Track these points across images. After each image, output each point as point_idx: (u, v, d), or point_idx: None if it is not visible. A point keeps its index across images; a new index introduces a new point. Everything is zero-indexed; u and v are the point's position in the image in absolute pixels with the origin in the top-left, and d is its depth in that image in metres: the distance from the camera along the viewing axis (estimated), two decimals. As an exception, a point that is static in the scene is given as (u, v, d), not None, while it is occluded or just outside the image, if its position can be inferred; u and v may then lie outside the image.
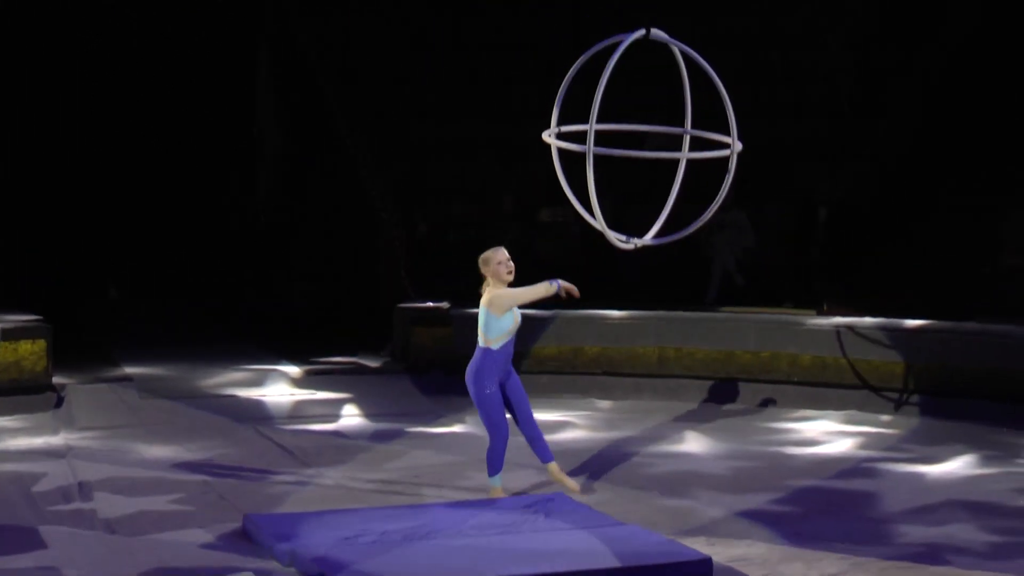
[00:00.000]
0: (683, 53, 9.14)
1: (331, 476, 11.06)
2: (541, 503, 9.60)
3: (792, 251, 17.36)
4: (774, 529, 9.34)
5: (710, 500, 10.24)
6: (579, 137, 9.11)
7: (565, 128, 9.33)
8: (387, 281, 16.54)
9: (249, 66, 21.59)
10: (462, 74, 18.88)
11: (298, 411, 13.86)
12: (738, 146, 9.16)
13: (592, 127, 8.65)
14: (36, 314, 14.42)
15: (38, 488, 10.59)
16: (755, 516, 9.71)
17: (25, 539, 9.12)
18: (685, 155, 9.30)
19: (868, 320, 14.28)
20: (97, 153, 22.12)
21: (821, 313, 14.77)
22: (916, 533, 9.26)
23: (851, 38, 19.11)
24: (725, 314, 15.33)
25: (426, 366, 15.15)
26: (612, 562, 8.20)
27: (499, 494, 10.09)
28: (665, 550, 8.48)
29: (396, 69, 19.09)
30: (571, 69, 8.99)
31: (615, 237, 9.10)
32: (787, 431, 13.06)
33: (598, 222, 8.92)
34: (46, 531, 9.31)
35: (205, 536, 9.19)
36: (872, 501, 10.25)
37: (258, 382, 14.90)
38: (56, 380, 14.19)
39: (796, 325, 14.64)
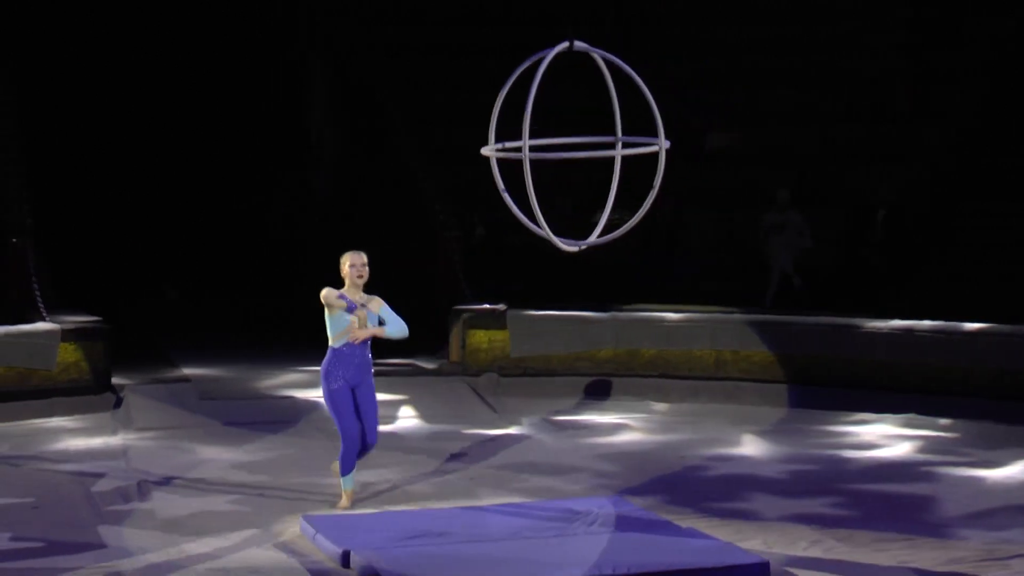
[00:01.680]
0: (606, 61, 9.20)
1: (388, 477, 11.08)
2: (598, 506, 9.57)
3: (849, 254, 17.25)
4: (831, 533, 9.27)
5: (767, 503, 10.19)
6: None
7: (509, 144, 9.34)
8: (443, 283, 16.56)
9: (306, 70, 21.67)
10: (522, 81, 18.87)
11: (355, 413, 13.88)
12: (666, 144, 9.20)
13: (526, 140, 8.71)
14: (95, 315, 14.54)
15: (97, 488, 10.68)
16: (813, 520, 9.65)
17: (84, 538, 9.20)
18: (619, 152, 9.35)
19: (926, 323, 14.16)
20: (155, 155, 22.28)
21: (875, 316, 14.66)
22: (975, 537, 9.18)
23: (904, 40, 19.00)
24: (782, 316, 15.24)
25: (482, 367, 15.15)
26: (669, 565, 8.17)
27: (347, 496, 10.01)
28: (722, 553, 8.45)
29: (452, 73, 19.12)
30: (504, 86, 9.06)
31: (560, 242, 9.12)
32: (845, 434, 12.97)
33: (543, 229, 8.94)
34: (105, 530, 9.39)
35: (262, 537, 9.23)
36: (931, 505, 10.16)
37: (315, 383, 14.85)
38: (115, 381, 14.30)
39: (854, 328, 14.54)
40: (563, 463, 11.65)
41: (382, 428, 13.10)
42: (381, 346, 16.35)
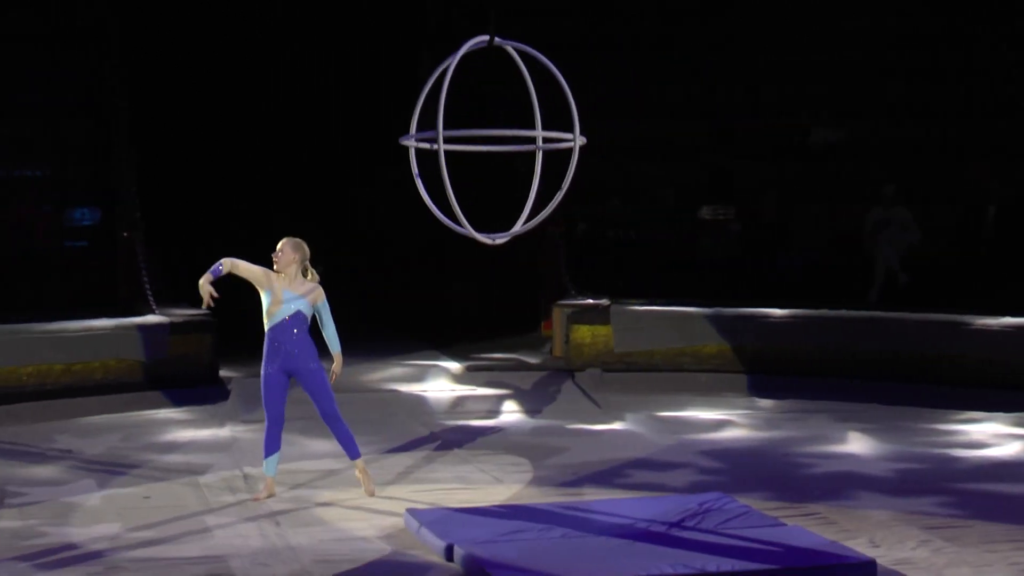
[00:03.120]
0: (524, 54, 9.10)
1: (491, 472, 11.11)
2: (703, 502, 9.53)
3: (959, 250, 17.01)
4: (939, 532, 9.15)
5: (873, 502, 10.07)
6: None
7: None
8: (546, 278, 16.56)
9: (414, 65, 21.76)
10: (621, 73, 18.83)
11: (458, 407, 13.95)
12: (581, 140, 9.11)
13: (440, 131, 8.66)
14: (199, 308, 14.69)
15: (205, 479, 10.82)
16: (919, 519, 9.53)
17: (192, 529, 9.32)
18: (540, 146, 9.25)
19: (1037, 320, 13.93)
20: (262, 150, 22.48)
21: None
22: (1089, 540, 9.01)
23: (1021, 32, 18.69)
24: (889, 313, 15.07)
25: (585, 362, 15.14)
26: (775, 562, 8.12)
27: (269, 485, 10.08)
28: (828, 551, 8.37)
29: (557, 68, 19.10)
30: (429, 79, 9.01)
31: (482, 237, 9.06)
32: (953, 433, 12.78)
33: (464, 226, 8.86)
34: (212, 522, 9.51)
35: (367, 530, 9.29)
36: (1042, 506, 10.00)
37: (419, 377, 15.02)
38: (222, 373, 14.47)
39: (963, 325, 14.34)
40: (667, 459, 11.61)
41: (484, 423, 13.22)
42: (485, 343, 16.52)
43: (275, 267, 10.09)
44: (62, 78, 17.51)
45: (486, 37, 8.95)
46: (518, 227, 9.17)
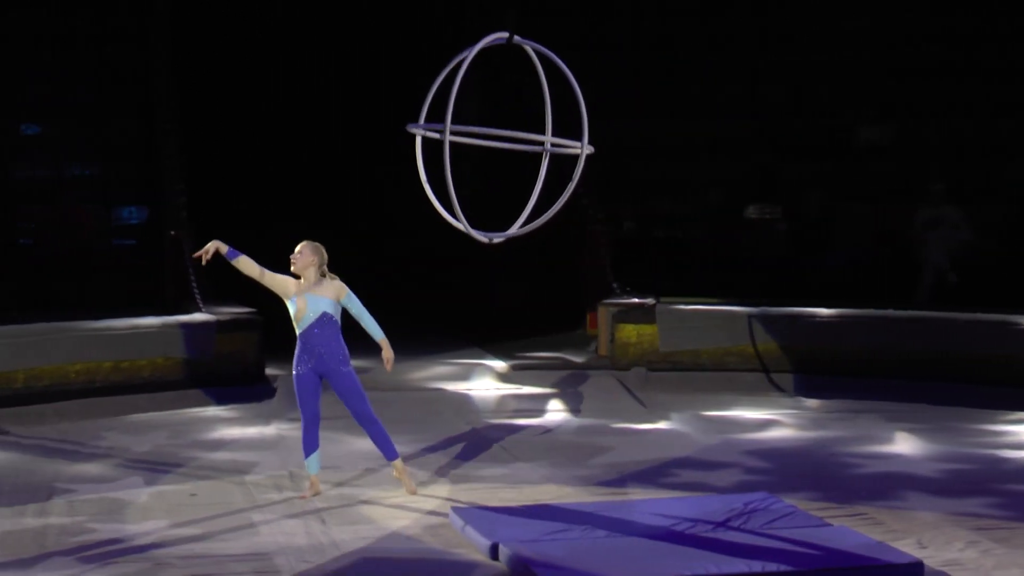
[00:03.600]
0: (542, 55, 9.00)
1: (536, 471, 11.10)
2: (749, 502, 9.49)
3: (1007, 249, 16.88)
4: (988, 534, 9.08)
5: (921, 502, 10.01)
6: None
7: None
8: (592, 277, 16.54)
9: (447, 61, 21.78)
10: (666, 72, 18.78)
11: (503, 405, 13.96)
12: (588, 149, 9.00)
13: (448, 122, 8.59)
14: (250, 307, 14.78)
15: (251, 477, 10.86)
16: (968, 520, 9.45)
17: (238, 527, 9.36)
18: (547, 148, 9.15)
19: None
20: (307, 151, 22.56)
21: None
22: None
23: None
24: (937, 313, 14.96)
25: (631, 361, 15.11)
26: (821, 562, 8.08)
27: (314, 483, 10.11)
28: (875, 552, 8.33)
29: (602, 66, 19.09)
30: (443, 70, 8.94)
31: (477, 235, 8.99)
32: (1002, 434, 12.68)
33: (460, 221, 8.80)
34: (258, 519, 9.54)
35: (412, 528, 9.31)
36: (1093, 507, 9.90)
37: (464, 376, 15.03)
38: (268, 371, 14.52)
39: (1012, 324, 14.23)
40: (712, 458, 11.58)
41: (529, 422, 13.21)
42: (530, 342, 16.52)
43: (292, 268, 10.14)
44: (110, 78, 17.63)
45: (505, 34, 8.92)
46: (515, 229, 9.14)
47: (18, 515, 9.64)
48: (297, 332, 10.10)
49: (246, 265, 10.15)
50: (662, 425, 13.16)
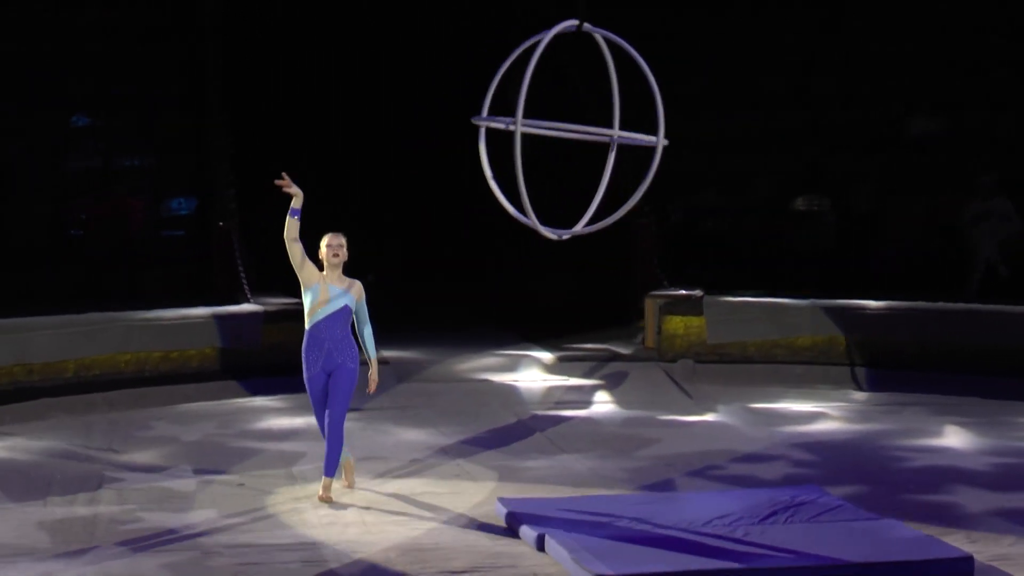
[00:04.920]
0: (614, 45, 8.87)
1: (583, 462, 11.10)
2: (796, 495, 9.45)
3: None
4: (1040, 528, 9.02)
5: (970, 496, 9.94)
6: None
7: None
8: (639, 269, 16.51)
9: (503, 53, 21.76)
10: (714, 64, 18.72)
11: (550, 397, 13.95)
12: (664, 142, 8.85)
13: (520, 114, 8.45)
14: (297, 298, 14.80)
15: (298, 467, 10.90)
16: (1018, 515, 9.38)
17: (285, 517, 9.39)
18: (615, 139, 9.02)
19: None
20: (356, 140, 22.60)
21: None
22: None
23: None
24: (988, 306, 14.85)
25: (678, 353, 15.07)
26: (870, 556, 8.03)
27: (327, 486, 9.69)
28: (924, 546, 8.27)
29: (645, 58, 19.04)
30: (507, 59, 8.82)
31: (547, 231, 8.86)
32: (1054, 428, 12.59)
33: (530, 217, 8.67)
34: (305, 509, 9.57)
35: (458, 519, 9.32)
36: None
37: (511, 367, 15.04)
38: (316, 363, 14.54)
39: (1063, 318, 14.12)
40: (760, 451, 11.54)
41: (576, 413, 13.20)
42: (578, 334, 16.50)
43: (332, 259, 9.84)
44: (160, 70, 17.73)
45: (575, 21, 8.84)
46: (580, 227, 9.05)
47: (69, 504, 9.72)
48: (309, 324, 9.73)
49: (294, 229, 9.99)
50: (709, 417, 13.13)
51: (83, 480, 10.42)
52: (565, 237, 9.11)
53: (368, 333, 9.93)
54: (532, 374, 14.81)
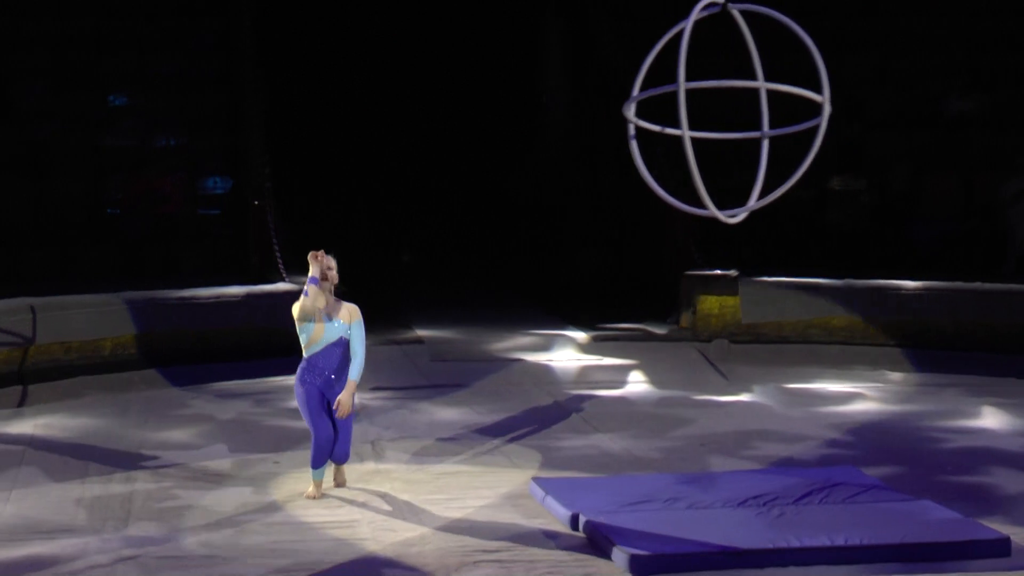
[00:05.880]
0: (769, 18, 8.74)
1: (617, 442, 11.09)
2: (832, 475, 9.42)
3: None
4: (1077, 510, 8.96)
5: (1008, 477, 9.89)
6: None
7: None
8: (673, 248, 16.46)
9: (540, 34, 21.73)
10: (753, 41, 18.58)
11: (585, 376, 13.95)
12: (828, 109, 8.73)
13: (684, 120, 8.30)
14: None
15: (334, 445, 10.91)
16: (1056, 496, 9.35)
17: (324, 494, 9.41)
18: (766, 133, 8.90)
19: None
20: (391, 119, 22.62)
21: None
22: None
23: None
24: (1024, 286, 14.76)
25: (713, 333, 15.03)
26: (906, 537, 8.00)
27: (315, 488, 9.36)
28: (961, 527, 8.24)
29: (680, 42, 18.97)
30: (653, 47, 8.69)
31: (722, 215, 8.75)
32: (1092, 409, 12.51)
33: (709, 207, 8.56)
34: (340, 488, 9.59)
35: (492, 498, 9.33)
36: None
37: (545, 347, 15.04)
38: (351, 341, 14.57)
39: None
40: (795, 432, 11.51)
41: (610, 393, 13.19)
42: (612, 313, 16.48)
43: (325, 282, 9.48)
44: (196, 50, 17.77)
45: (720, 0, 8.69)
46: (752, 203, 8.95)
47: (106, 481, 9.78)
48: (306, 353, 9.43)
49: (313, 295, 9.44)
50: (744, 397, 13.10)
51: (120, 458, 10.49)
52: (739, 218, 9.00)
53: (358, 354, 9.43)
54: (566, 354, 14.81)
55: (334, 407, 9.34)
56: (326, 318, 9.42)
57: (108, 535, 8.47)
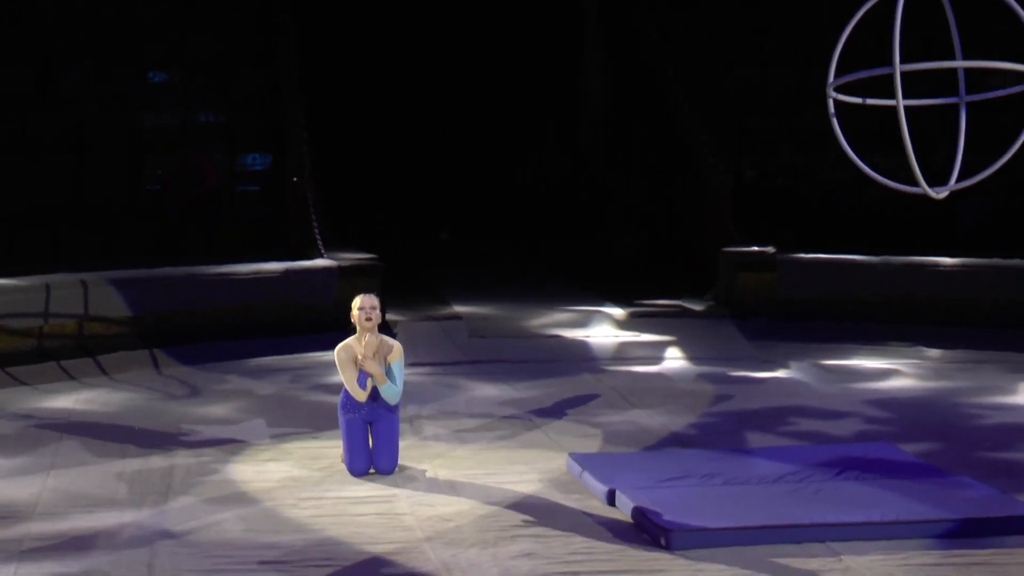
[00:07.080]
0: None
1: (654, 418, 11.12)
2: (868, 451, 9.43)
3: None
4: (1115, 487, 8.93)
5: (1045, 455, 9.88)
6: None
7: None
8: (713, 226, 16.46)
9: (578, 19, 21.70)
10: (786, 22, 18.55)
11: (622, 352, 13.97)
12: None
13: (897, 73, 8.23)
14: (370, 252, 14.93)
15: (372, 421, 10.97)
16: (1094, 473, 9.32)
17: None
18: (963, 99, 8.82)
19: None
20: (428, 99, 22.63)
21: None
22: None
23: None
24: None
25: (750, 310, 15.03)
26: (942, 513, 8.00)
27: None
28: (998, 504, 8.23)
29: (720, 18, 18.91)
30: (853, 19, 8.62)
31: (932, 192, 8.73)
32: None
33: (920, 184, 8.54)
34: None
35: (529, 473, 9.36)
36: None
37: (583, 323, 15.06)
38: (388, 317, 14.65)
39: None
40: (831, 408, 11.51)
41: (647, 369, 13.21)
42: (649, 290, 16.50)
43: (368, 325, 9.30)
44: (235, 28, 17.84)
45: None
46: (952, 182, 8.95)
47: (146, 456, 9.86)
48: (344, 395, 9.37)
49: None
50: (781, 374, 13.10)
51: (160, 433, 10.58)
52: (943, 195, 9.00)
53: (397, 383, 9.30)
54: (604, 330, 14.83)
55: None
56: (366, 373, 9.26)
57: (148, 509, 8.55)
